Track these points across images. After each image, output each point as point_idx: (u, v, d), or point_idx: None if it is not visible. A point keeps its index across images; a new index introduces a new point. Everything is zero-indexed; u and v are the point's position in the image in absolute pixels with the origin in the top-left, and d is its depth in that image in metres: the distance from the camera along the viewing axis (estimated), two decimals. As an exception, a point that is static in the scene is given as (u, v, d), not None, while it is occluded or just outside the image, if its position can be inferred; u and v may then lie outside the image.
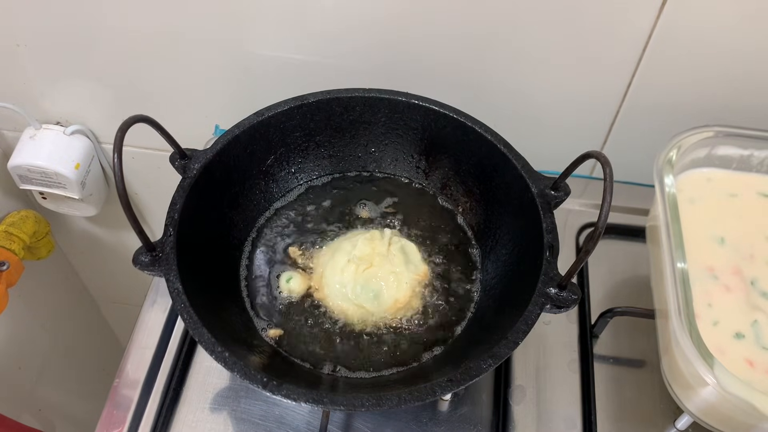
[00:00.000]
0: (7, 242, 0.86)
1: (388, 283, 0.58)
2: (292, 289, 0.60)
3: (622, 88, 0.67)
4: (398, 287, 0.59)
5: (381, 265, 0.59)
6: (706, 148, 0.59)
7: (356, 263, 0.58)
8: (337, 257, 0.60)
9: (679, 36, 0.61)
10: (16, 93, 0.80)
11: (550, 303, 0.49)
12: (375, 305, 0.58)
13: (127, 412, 0.60)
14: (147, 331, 0.66)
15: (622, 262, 0.69)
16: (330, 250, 0.62)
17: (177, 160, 0.57)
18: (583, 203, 0.73)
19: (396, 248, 0.60)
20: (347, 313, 0.58)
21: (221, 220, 0.61)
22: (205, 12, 0.67)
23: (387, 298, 0.58)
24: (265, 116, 0.60)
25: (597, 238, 0.44)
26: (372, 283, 0.58)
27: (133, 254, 0.51)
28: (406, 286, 0.59)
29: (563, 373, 0.62)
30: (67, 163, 0.82)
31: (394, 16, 0.64)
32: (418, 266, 0.61)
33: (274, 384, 0.45)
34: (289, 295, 0.60)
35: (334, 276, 0.59)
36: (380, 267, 0.59)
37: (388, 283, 0.58)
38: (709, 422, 0.51)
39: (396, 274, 0.59)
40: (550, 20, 0.62)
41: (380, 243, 0.60)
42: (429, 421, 0.59)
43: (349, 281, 0.58)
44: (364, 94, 0.62)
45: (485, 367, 0.46)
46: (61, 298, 1.14)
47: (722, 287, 0.53)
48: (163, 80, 0.76)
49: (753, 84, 0.64)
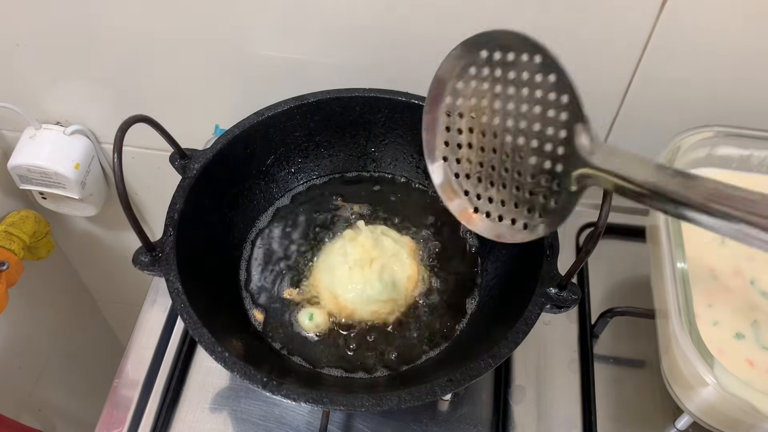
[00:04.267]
0: (7, 242, 0.86)
1: (396, 266, 0.59)
2: (319, 324, 0.58)
3: (622, 87, 0.67)
4: (404, 265, 0.59)
5: (380, 255, 0.59)
6: (706, 148, 0.59)
7: (359, 266, 0.58)
8: (338, 274, 0.59)
9: (679, 36, 0.61)
10: (16, 93, 0.80)
11: (550, 303, 0.49)
12: (397, 292, 0.59)
13: (127, 412, 0.60)
14: (147, 331, 0.66)
15: (622, 262, 0.69)
16: (324, 271, 0.60)
17: (177, 160, 0.57)
18: (583, 203, 0.72)
19: (378, 233, 0.61)
20: (379, 312, 0.58)
21: (221, 220, 0.61)
22: (206, 12, 0.67)
23: (402, 278, 0.59)
24: (265, 116, 0.60)
25: (597, 238, 0.44)
26: (384, 274, 0.58)
27: (133, 254, 0.51)
28: (408, 261, 0.60)
29: (563, 373, 0.62)
30: (67, 163, 0.82)
31: (394, 15, 0.64)
32: (402, 240, 0.62)
33: (274, 384, 0.45)
34: (317, 330, 0.58)
35: (347, 288, 0.58)
36: (380, 257, 0.59)
37: (396, 266, 0.59)
38: (709, 422, 0.51)
39: (395, 255, 0.60)
40: (550, 20, 0.62)
41: (365, 238, 0.60)
42: (429, 421, 0.59)
43: (364, 284, 0.58)
44: (364, 94, 0.62)
45: (485, 367, 0.46)
46: (61, 298, 1.14)
47: (722, 287, 0.53)
48: (163, 80, 0.76)
49: (753, 84, 0.64)
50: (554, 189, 0.43)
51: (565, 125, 0.41)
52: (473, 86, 0.46)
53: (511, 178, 0.46)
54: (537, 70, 0.42)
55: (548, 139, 0.42)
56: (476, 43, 0.44)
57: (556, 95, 0.41)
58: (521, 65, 0.42)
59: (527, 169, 0.44)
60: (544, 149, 0.43)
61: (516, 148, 0.45)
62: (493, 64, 0.44)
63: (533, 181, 0.44)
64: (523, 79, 0.42)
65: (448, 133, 0.49)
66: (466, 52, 0.45)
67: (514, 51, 0.42)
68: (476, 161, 0.48)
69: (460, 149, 0.49)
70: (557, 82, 0.41)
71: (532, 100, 0.42)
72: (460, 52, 0.46)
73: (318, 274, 0.61)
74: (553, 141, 0.42)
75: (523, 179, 0.45)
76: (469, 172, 0.49)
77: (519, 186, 0.46)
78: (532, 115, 0.43)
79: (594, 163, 0.40)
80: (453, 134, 0.49)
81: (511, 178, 0.46)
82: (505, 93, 0.44)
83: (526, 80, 0.42)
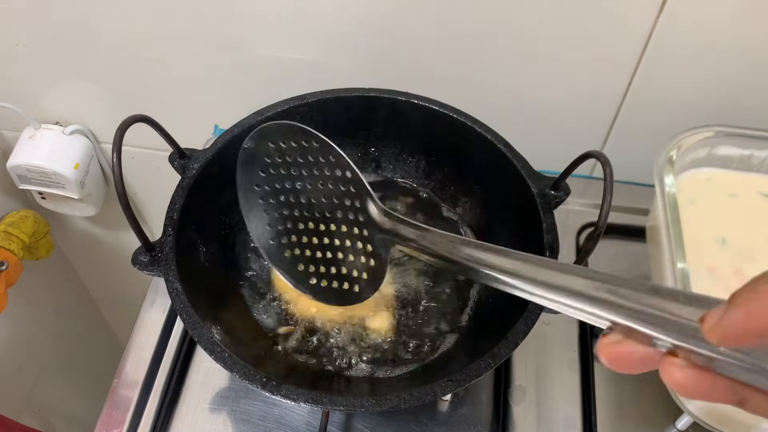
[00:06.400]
0: (6, 242, 0.86)
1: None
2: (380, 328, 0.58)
3: (622, 87, 0.67)
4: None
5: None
6: (706, 148, 0.59)
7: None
8: None
9: (679, 36, 0.61)
10: (15, 93, 0.80)
11: (550, 303, 0.49)
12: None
13: (127, 412, 0.60)
14: (146, 331, 0.66)
15: (622, 262, 0.69)
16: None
17: (176, 160, 0.57)
18: (583, 203, 0.72)
19: None
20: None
21: (221, 220, 0.61)
22: (206, 12, 0.66)
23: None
24: (264, 116, 0.60)
25: (597, 238, 0.44)
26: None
27: (132, 254, 0.51)
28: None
29: (563, 373, 0.62)
30: (66, 163, 0.82)
31: (394, 15, 0.64)
32: None
33: (273, 384, 0.45)
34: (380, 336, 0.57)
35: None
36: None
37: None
38: (709, 422, 0.51)
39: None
40: (550, 20, 0.62)
41: None
42: (429, 421, 0.59)
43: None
44: (364, 94, 0.62)
45: (485, 367, 0.46)
46: (61, 298, 1.14)
47: (722, 287, 0.53)
48: (163, 80, 0.76)
49: (753, 84, 0.64)
50: (368, 251, 0.47)
51: (354, 196, 0.46)
52: (273, 172, 0.49)
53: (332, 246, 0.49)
54: (318, 152, 0.46)
55: (348, 208, 0.47)
56: (261, 136, 0.48)
57: (340, 172, 0.46)
58: (308, 149, 0.47)
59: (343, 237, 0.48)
60: (348, 216, 0.47)
61: (329, 219, 0.49)
62: (282, 151, 0.48)
63: (351, 246, 0.48)
64: (312, 160, 0.47)
65: (267, 215, 0.51)
66: (256, 144, 0.48)
67: (294, 139, 0.47)
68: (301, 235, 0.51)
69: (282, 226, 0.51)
70: (337, 162, 0.45)
71: (327, 177, 0.47)
72: (251, 146, 0.49)
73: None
74: (353, 210, 0.47)
75: (342, 245, 0.49)
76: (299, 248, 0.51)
77: (340, 252, 0.49)
78: (330, 188, 0.47)
79: (383, 227, 0.44)
80: (272, 216, 0.51)
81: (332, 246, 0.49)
82: (304, 174, 0.48)
83: (315, 161, 0.47)
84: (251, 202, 0.51)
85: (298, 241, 0.51)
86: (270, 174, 0.49)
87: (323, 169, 0.47)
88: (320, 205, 0.48)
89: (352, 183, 0.46)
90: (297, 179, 0.49)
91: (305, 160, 0.47)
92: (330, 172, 0.46)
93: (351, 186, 0.46)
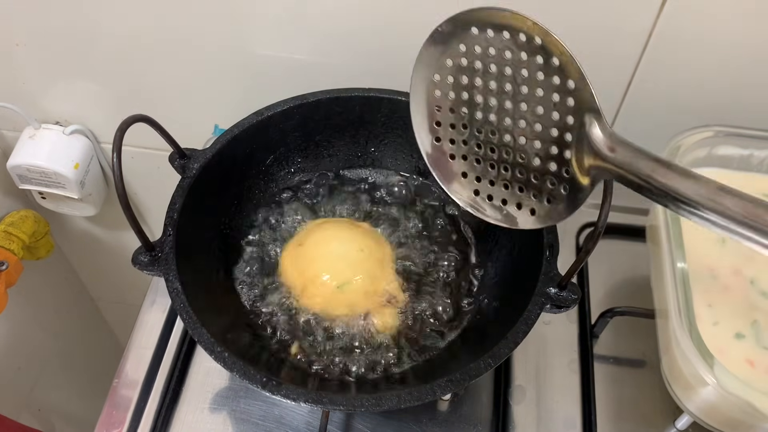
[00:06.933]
0: (7, 242, 0.86)
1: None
2: (386, 326, 0.57)
3: (621, 87, 0.67)
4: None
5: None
6: (706, 148, 0.59)
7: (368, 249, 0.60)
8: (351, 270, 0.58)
9: (679, 35, 0.61)
10: (15, 93, 0.80)
11: (550, 303, 0.49)
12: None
13: (127, 412, 0.60)
14: (146, 331, 0.66)
15: (622, 262, 0.69)
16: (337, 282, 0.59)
17: (176, 160, 0.57)
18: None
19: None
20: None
21: (221, 220, 0.61)
22: (205, 12, 0.67)
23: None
24: (264, 116, 0.60)
25: (597, 238, 0.44)
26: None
27: (132, 254, 0.51)
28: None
29: (563, 373, 0.62)
30: (66, 162, 0.82)
31: (394, 15, 0.64)
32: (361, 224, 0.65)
33: (273, 384, 0.45)
34: (384, 333, 0.57)
35: (387, 271, 0.60)
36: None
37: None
38: (709, 422, 0.51)
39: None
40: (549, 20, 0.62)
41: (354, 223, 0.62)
42: (429, 421, 0.59)
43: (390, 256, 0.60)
44: (364, 94, 0.62)
45: (485, 367, 0.46)
46: (61, 298, 1.14)
47: (722, 287, 0.53)
48: (163, 80, 0.76)
49: (753, 83, 0.64)
50: (563, 175, 0.41)
51: (572, 111, 0.39)
52: (463, 64, 0.43)
53: (513, 162, 0.43)
54: (536, 51, 0.39)
55: (554, 124, 0.40)
56: (465, 20, 0.41)
57: (559, 79, 0.39)
58: (518, 45, 0.40)
59: (531, 153, 0.42)
60: (550, 134, 0.40)
61: (517, 130, 0.42)
62: (484, 42, 0.41)
63: (539, 166, 0.42)
64: (521, 59, 0.40)
65: (439, 113, 0.46)
66: (453, 27, 0.42)
67: (508, 30, 0.39)
68: (473, 143, 0.45)
69: (453, 129, 0.46)
70: (561, 67, 0.39)
71: (533, 83, 0.40)
72: (448, 29, 0.42)
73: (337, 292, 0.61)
74: (559, 127, 0.40)
75: (528, 162, 0.42)
76: (467, 153, 0.46)
77: (524, 169, 0.43)
78: (533, 97, 0.40)
79: (608, 156, 0.39)
80: (445, 114, 0.46)
81: (513, 162, 0.43)
82: (500, 73, 0.41)
83: (524, 60, 0.40)
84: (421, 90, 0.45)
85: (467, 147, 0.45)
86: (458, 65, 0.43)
87: (534, 72, 0.39)
88: (512, 114, 0.42)
89: (574, 94, 0.39)
90: (491, 79, 0.42)
91: (511, 59, 0.40)
92: (543, 78, 0.39)
93: (570, 98, 0.39)
